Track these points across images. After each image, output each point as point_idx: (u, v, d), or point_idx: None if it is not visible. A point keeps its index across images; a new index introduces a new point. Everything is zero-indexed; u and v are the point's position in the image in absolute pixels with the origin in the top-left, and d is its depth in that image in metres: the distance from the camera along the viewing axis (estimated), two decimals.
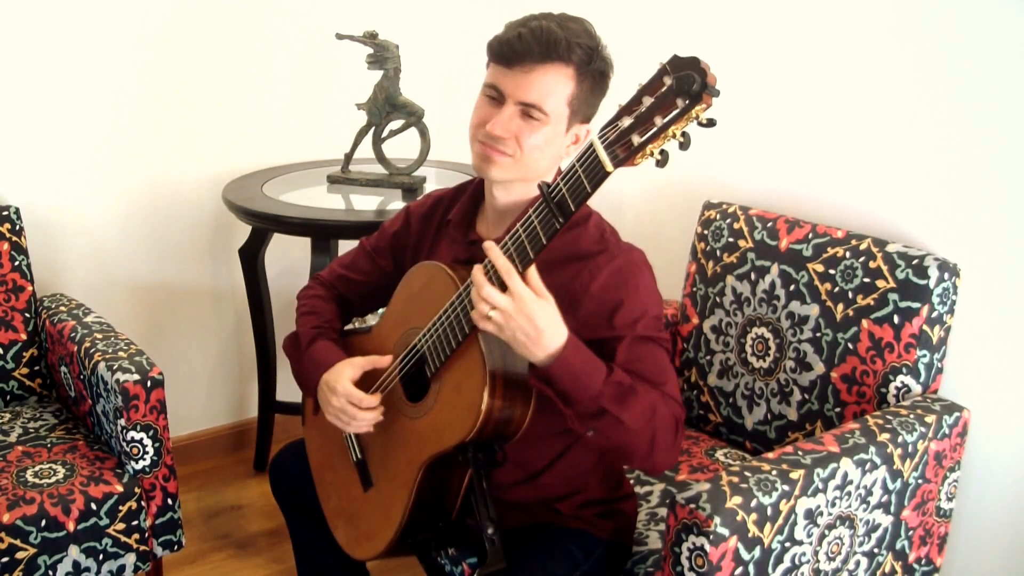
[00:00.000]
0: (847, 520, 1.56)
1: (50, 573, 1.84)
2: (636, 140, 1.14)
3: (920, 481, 1.67)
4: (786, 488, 1.44)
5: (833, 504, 1.52)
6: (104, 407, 2.01)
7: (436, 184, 2.63)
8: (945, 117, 1.82)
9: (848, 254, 1.83)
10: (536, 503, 1.58)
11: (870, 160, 1.95)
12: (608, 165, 1.17)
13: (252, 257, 2.58)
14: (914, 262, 1.75)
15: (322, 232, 2.39)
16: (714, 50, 2.10)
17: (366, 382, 1.56)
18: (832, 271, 1.85)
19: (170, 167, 2.61)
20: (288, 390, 2.61)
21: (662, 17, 2.32)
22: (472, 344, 1.38)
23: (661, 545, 1.61)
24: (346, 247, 2.62)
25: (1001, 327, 1.79)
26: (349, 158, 2.61)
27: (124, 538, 1.93)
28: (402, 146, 2.63)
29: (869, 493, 1.58)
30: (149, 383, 1.94)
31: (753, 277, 1.98)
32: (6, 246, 2.21)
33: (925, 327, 1.73)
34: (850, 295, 1.81)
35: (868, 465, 1.55)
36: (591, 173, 1.19)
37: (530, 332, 1.25)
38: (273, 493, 1.86)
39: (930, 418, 1.67)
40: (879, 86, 1.91)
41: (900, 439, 1.61)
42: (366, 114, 2.55)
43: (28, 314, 2.25)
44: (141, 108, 2.53)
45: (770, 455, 1.52)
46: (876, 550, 1.65)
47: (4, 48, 2.31)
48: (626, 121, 1.15)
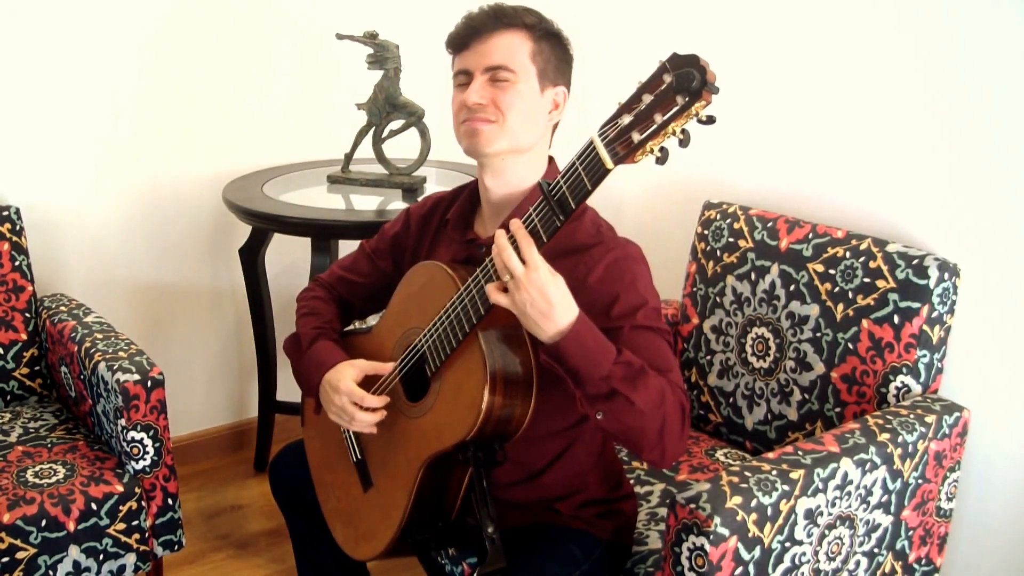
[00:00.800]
0: (847, 520, 1.56)
1: (50, 573, 1.84)
2: (636, 137, 1.14)
3: (920, 481, 1.67)
4: (786, 488, 1.44)
5: (833, 504, 1.52)
6: (104, 407, 2.01)
7: (436, 184, 2.64)
8: (945, 117, 1.82)
9: (848, 254, 1.83)
10: (536, 503, 1.58)
11: (870, 160, 1.95)
12: (608, 162, 1.17)
13: (252, 257, 2.58)
14: (914, 262, 1.75)
15: (322, 232, 2.39)
16: (715, 50, 2.10)
17: (367, 384, 1.56)
18: (832, 271, 1.85)
19: (170, 167, 2.62)
20: (288, 390, 2.61)
21: (663, 16, 2.32)
22: (472, 343, 1.38)
23: (661, 545, 1.61)
24: (346, 247, 2.64)
25: (1001, 327, 1.79)
26: (349, 158, 2.61)
27: (124, 538, 1.93)
28: (402, 146, 2.63)
29: (869, 493, 1.58)
30: (149, 383, 1.94)
31: (753, 277, 1.98)
32: (6, 246, 2.21)
33: (925, 327, 1.73)
34: (850, 295, 1.81)
35: (868, 465, 1.55)
36: (591, 171, 1.19)
37: (542, 305, 1.24)
38: (273, 493, 1.86)
39: (930, 418, 1.66)
40: (879, 86, 1.91)
41: (900, 439, 1.61)
42: (366, 114, 2.55)
43: (28, 314, 2.25)
44: (141, 108, 2.53)
45: (770, 455, 1.52)
46: (876, 550, 1.65)
47: (4, 48, 2.31)
48: (626, 119, 1.15)
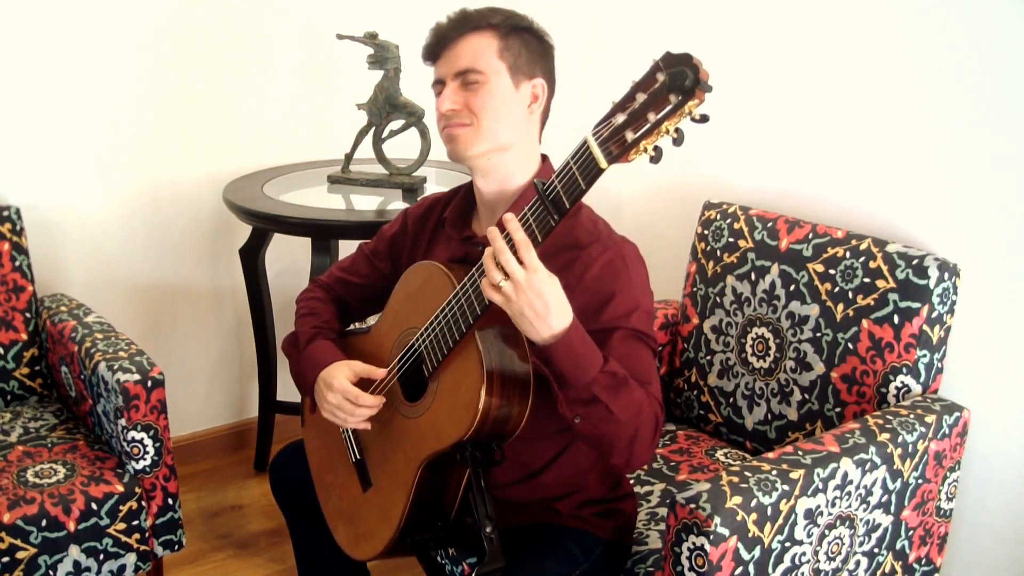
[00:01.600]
0: (847, 520, 1.56)
1: (51, 573, 1.84)
2: (630, 136, 1.14)
3: (920, 481, 1.67)
4: (786, 488, 1.44)
5: (833, 504, 1.52)
6: (104, 407, 2.01)
7: (436, 184, 2.64)
8: (945, 117, 1.81)
9: (848, 254, 1.83)
10: (535, 502, 1.58)
11: (870, 160, 1.95)
12: (602, 162, 1.17)
13: (252, 257, 2.58)
14: (914, 262, 1.74)
15: (322, 232, 2.39)
16: (716, 50, 2.10)
17: (361, 386, 1.55)
18: (832, 271, 1.84)
19: (170, 167, 2.62)
20: (288, 390, 2.61)
21: (663, 16, 2.32)
22: (469, 343, 1.38)
23: (661, 545, 1.61)
24: (346, 247, 2.64)
25: (1001, 327, 1.79)
26: (349, 158, 2.61)
27: (124, 538, 1.93)
28: (402, 146, 2.63)
29: (869, 493, 1.58)
30: (149, 383, 1.95)
31: (753, 277, 1.98)
32: (6, 246, 2.21)
33: (925, 327, 1.73)
34: (850, 295, 1.81)
35: (868, 465, 1.55)
36: (585, 170, 1.19)
37: (538, 307, 1.24)
38: (273, 493, 1.86)
39: (930, 418, 1.66)
40: (879, 86, 1.91)
41: (900, 439, 1.61)
42: (366, 114, 2.55)
43: (29, 314, 2.25)
44: (141, 108, 2.53)
45: (770, 455, 1.52)
46: (876, 550, 1.65)
47: (4, 48, 2.32)
48: (619, 118, 1.15)
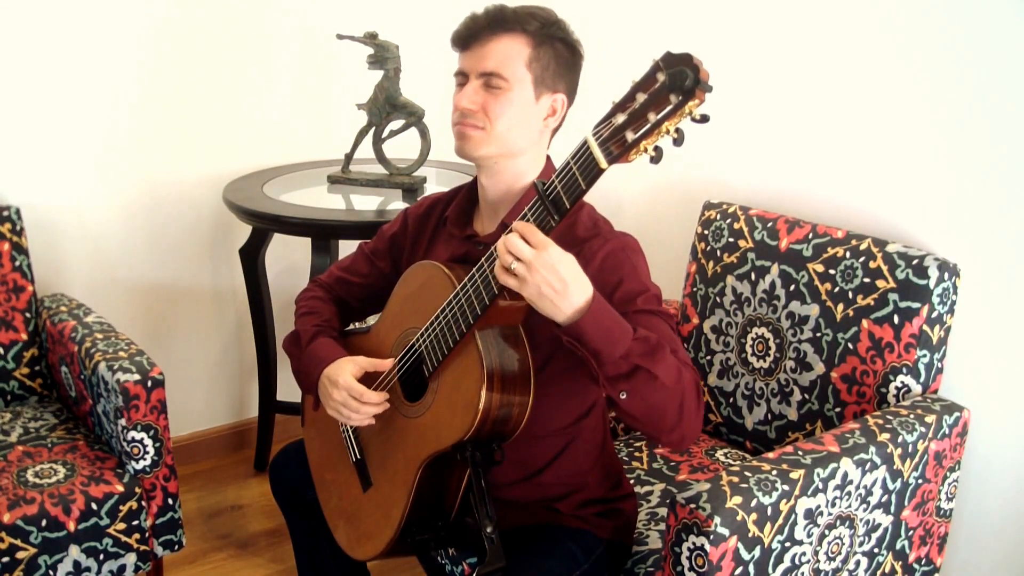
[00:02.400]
0: (847, 520, 1.56)
1: (51, 573, 1.84)
2: (630, 137, 1.14)
3: (920, 481, 1.67)
4: (786, 488, 1.44)
5: (833, 504, 1.52)
6: (105, 407, 2.01)
7: (436, 184, 2.64)
8: (945, 117, 1.81)
9: (848, 254, 1.83)
10: (536, 502, 1.58)
11: (870, 160, 1.95)
12: (602, 162, 1.17)
13: (252, 257, 2.58)
14: (914, 262, 1.74)
15: (322, 232, 2.39)
16: (716, 50, 2.10)
17: (366, 382, 1.55)
18: (832, 271, 1.84)
19: (170, 167, 2.62)
20: (288, 390, 2.62)
21: (663, 16, 2.32)
22: (470, 343, 1.38)
23: (661, 545, 1.61)
24: (346, 247, 2.64)
25: (1001, 327, 1.79)
26: (349, 158, 2.61)
27: (124, 538, 1.93)
28: (402, 146, 2.63)
29: (869, 493, 1.58)
30: (149, 383, 1.95)
31: (753, 277, 1.98)
32: (6, 246, 2.21)
33: (925, 327, 1.73)
34: (850, 295, 1.81)
35: (868, 465, 1.55)
36: (585, 170, 1.19)
37: (555, 284, 1.22)
38: (273, 493, 1.86)
39: (930, 418, 1.66)
40: (879, 86, 1.91)
41: (900, 439, 1.61)
42: (366, 114, 2.55)
43: (29, 314, 2.25)
44: (141, 108, 2.53)
45: (770, 455, 1.52)
46: (876, 550, 1.65)
47: (4, 48, 2.32)
48: (620, 118, 1.15)
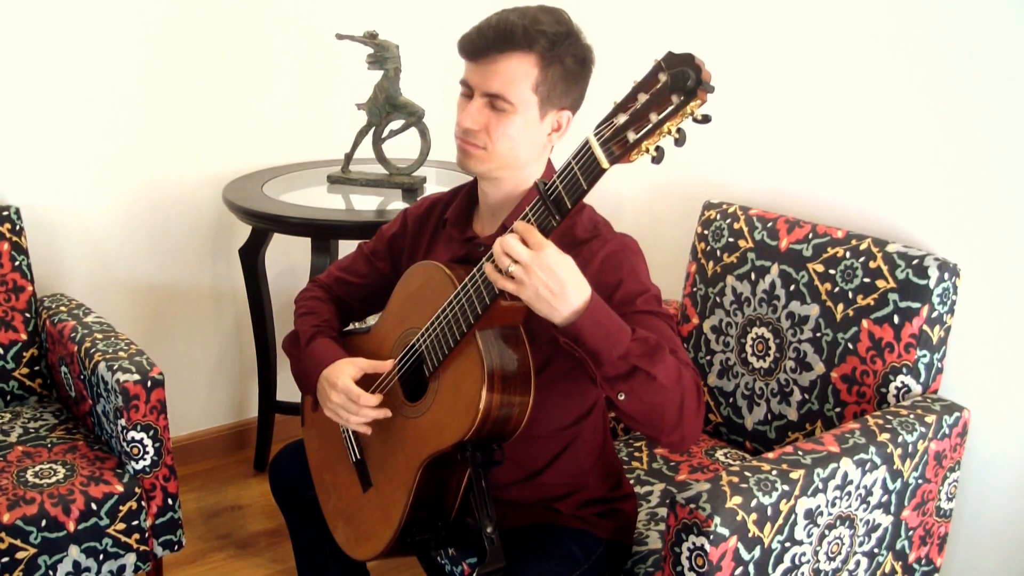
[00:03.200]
0: (847, 520, 1.56)
1: (50, 573, 1.84)
2: (631, 137, 1.14)
3: (920, 481, 1.67)
4: (786, 488, 1.44)
5: (833, 504, 1.52)
6: (104, 407, 2.01)
7: (436, 184, 2.64)
8: (945, 117, 1.81)
9: (848, 254, 1.83)
10: (536, 502, 1.58)
11: (870, 160, 1.95)
12: (604, 162, 1.17)
13: (252, 257, 2.58)
14: (914, 262, 1.74)
15: (322, 232, 2.39)
16: (716, 50, 2.10)
17: (365, 383, 1.55)
18: (832, 271, 1.84)
19: (170, 167, 2.62)
20: (288, 390, 2.61)
21: (664, 16, 2.32)
22: (470, 343, 1.37)
23: (661, 545, 1.61)
24: (346, 247, 2.64)
25: (1001, 327, 1.79)
26: (349, 158, 2.61)
27: (124, 538, 1.93)
28: (402, 146, 2.63)
29: (869, 493, 1.58)
30: (149, 383, 1.94)
31: (753, 277, 1.98)
32: (6, 246, 2.21)
33: (925, 327, 1.73)
34: (850, 295, 1.81)
35: (868, 465, 1.55)
36: (587, 170, 1.19)
37: (552, 285, 1.22)
38: (273, 493, 1.85)
39: (930, 418, 1.66)
40: (879, 86, 1.91)
41: (900, 439, 1.61)
42: (366, 114, 2.55)
43: (28, 314, 2.25)
44: (141, 108, 2.53)
45: (770, 455, 1.52)
46: (876, 550, 1.65)
47: (4, 48, 2.31)
48: (621, 118, 1.15)
